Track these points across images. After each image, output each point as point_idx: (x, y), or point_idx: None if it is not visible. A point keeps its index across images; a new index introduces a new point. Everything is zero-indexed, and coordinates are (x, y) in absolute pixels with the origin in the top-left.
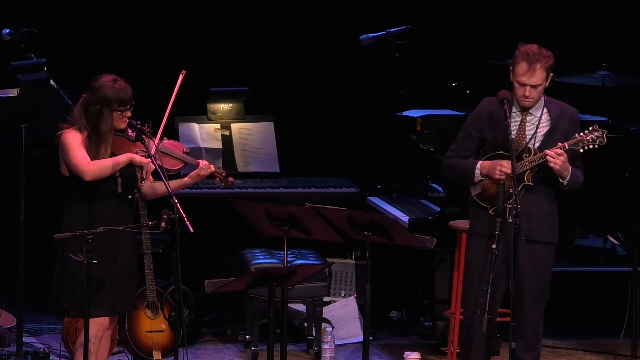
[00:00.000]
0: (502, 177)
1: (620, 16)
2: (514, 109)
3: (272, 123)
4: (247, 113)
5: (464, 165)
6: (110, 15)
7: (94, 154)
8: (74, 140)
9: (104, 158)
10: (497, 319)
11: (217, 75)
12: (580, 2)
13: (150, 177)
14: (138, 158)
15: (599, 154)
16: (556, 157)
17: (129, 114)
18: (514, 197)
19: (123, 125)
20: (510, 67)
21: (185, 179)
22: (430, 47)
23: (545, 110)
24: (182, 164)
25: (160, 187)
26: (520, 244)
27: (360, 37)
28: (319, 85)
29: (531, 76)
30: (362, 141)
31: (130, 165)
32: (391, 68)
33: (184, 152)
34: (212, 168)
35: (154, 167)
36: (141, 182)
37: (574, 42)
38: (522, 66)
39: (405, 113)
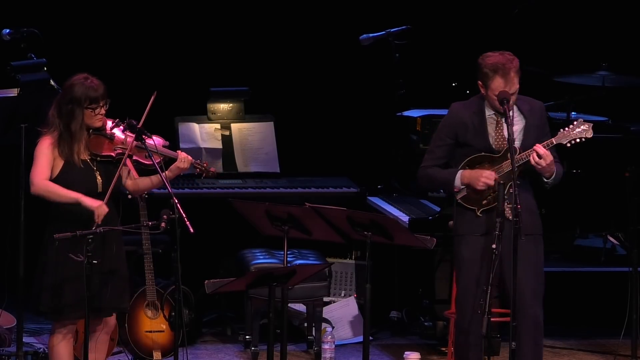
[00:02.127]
0: (484, 188)
1: (620, 16)
2: (487, 112)
3: (272, 123)
4: (247, 113)
5: (443, 176)
6: (111, 15)
7: (68, 153)
8: (41, 149)
9: (78, 158)
10: (493, 318)
11: (217, 75)
12: (580, 2)
13: (135, 173)
14: (88, 202)
15: (599, 154)
16: (540, 160)
17: (102, 111)
18: (513, 197)
19: (99, 124)
20: (480, 82)
21: (166, 172)
22: (430, 47)
23: (515, 108)
24: (161, 158)
25: (142, 183)
26: (510, 239)
27: (360, 37)
28: (319, 85)
29: (511, 86)
30: (362, 141)
31: (106, 175)
32: (391, 68)
33: (164, 146)
34: (190, 159)
35: (106, 209)
36: (94, 226)
37: (574, 42)
38: (498, 81)
39: (405, 113)
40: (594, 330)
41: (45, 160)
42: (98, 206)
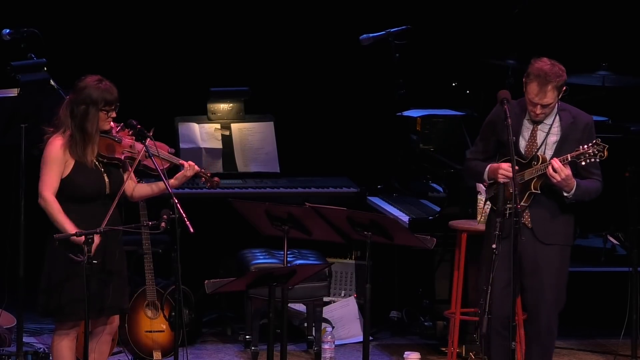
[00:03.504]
0: (506, 180)
1: (620, 16)
2: (525, 116)
3: (272, 123)
4: (247, 113)
5: (477, 169)
6: (110, 15)
7: (80, 155)
8: (52, 154)
9: (90, 159)
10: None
11: (217, 75)
12: (580, 2)
13: (134, 178)
14: (76, 240)
15: None
16: (554, 173)
17: (114, 114)
18: (513, 197)
19: (108, 126)
20: (523, 79)
21: (171, 180)
22: (430, 47)
23: (557, 119)
24: (167, 164)
25: (142, 189)
26: (535, 247)
27: (360, 37)
28: (319, 85)
29: (543, 97)
30: (362, 141)
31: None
32: (391, 68)
33: (169, 152)
34: (197, 168)
35: (98, 241)
36: (88, 260)
37: (574, 42)
38: (533, 87)
39: (405, 113)
40: (594, 330)
41: (56, 169)
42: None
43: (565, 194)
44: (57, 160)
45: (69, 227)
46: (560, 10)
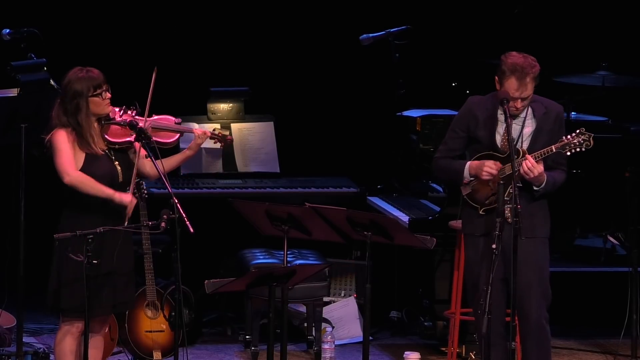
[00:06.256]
0: (489, 177)
1: (620, 16)
2: (499, 111)
3: (272, 123)
4: (247, 113)
5: (454, 167)
6: (111, 15)
7: (88, 146)
8: (62, 140)
9: (100, 148)
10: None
11: (217, 75)
12: (581, 2)
13: (144, 156)
14: (122, 197)
15: (599, 154)
16: (528, 171)
17: (108, 95)
18: (513, 196)
19: (107, 109)
20: (496, 77)
21: (186, 151)
22: (430, 47)
23: (529, 110)
24: (178, 135)
25: (161, 165)
26: (509, 240)
27: (360, 37)
28: (319, 85)
29: (523, 91)
30: (362, 141)
31: (127, 164)
32: (391, 68)
33: (176, 124)
34: (208, 133)
35: (135, 202)
36: (125, 220)
37: (574, 42)
38: (512, 82)
39: (405, 113)
40: (594, 330)
41: (70, 151)
42: (130, 201)
43: (535, 188)
44: (67, 144)
45: (109, 191)
46: (560, 10)
